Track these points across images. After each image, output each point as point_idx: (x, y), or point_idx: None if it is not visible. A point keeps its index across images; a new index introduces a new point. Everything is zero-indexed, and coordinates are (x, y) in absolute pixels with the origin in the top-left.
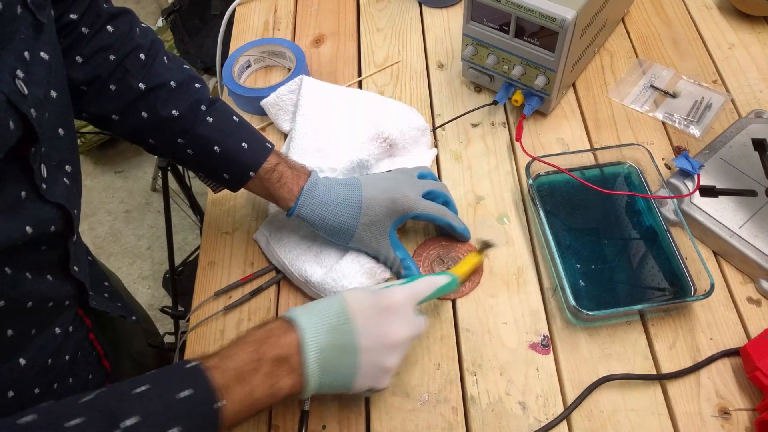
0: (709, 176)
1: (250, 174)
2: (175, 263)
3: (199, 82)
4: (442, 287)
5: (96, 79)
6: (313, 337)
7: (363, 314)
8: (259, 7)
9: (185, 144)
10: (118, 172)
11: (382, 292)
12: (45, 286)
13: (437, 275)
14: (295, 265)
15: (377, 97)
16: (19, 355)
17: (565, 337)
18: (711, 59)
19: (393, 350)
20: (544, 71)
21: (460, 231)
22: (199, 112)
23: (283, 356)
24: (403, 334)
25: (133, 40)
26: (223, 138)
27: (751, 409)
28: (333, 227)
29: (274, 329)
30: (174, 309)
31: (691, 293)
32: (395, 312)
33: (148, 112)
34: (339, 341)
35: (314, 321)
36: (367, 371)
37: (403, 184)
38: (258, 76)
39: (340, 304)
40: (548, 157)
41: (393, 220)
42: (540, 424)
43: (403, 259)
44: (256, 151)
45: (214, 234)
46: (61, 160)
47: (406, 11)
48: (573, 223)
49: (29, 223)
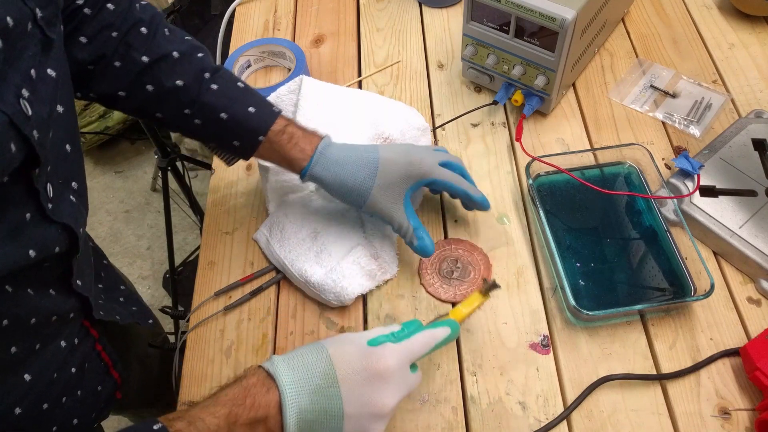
0: (709, 176)
1: (260, 138)
2: (175, 263)
3: (201, 51)
4: (442, 341)
5: (101, 58)
6: (294, 399)
7: (350, 377)
8: (259, 7)
9: (192, 114)
10: (118, 172)
11: (374, 354)
12: (48, 302)
13: (436, 327)
14: (295, 265)
15: (377, 97)
16: (24, 371)
17: (565, 337)
18: (711, 59)
19: (380, 419)
20: (544, 71)
21: (477, 200)
22: (204, 80)
23: (260, 418)
24: (392, 401)
25: (134, 15)
26: (229, 104)
27: (751, 409)
28: (347, 187)
29: (253, 386)
30: (174, 309)
31: (691, 293)
32: (387, 379)
33: (153, 85)
34: (322, 405)
35: (297, 378)
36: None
37: (422, 150)
38: (258, 76)
39: (326, 363)
40: (548, 157)
41: (409, 185)
42: (540, 424)
43: (416, 228)
44: (264, 115)
45: (214, 234)
46: (68, 177)
47: (406, 11)
48: (573, 223)
49: (33, 247)
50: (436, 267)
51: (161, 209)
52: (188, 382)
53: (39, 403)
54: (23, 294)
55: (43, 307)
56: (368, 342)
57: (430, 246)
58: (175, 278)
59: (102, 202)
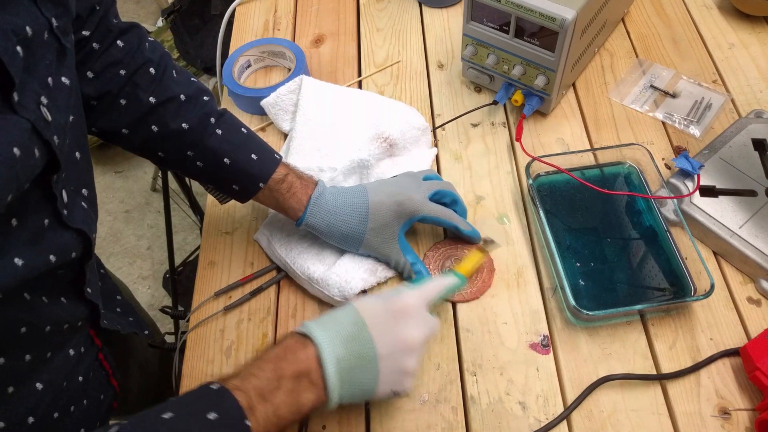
0: (709, 176)
1: (260, 185)
2: (175, 263)
3: (207, 95)
4: (451, 287)
5: (107, 94)
6: (330, 349)
7: (377, 321)
8: (259, 7)
9: (195, 156)
10: (118, 172)
11: (393, 297)
12: (60, 309)
13: (444, 276)
14: (297, 263)
15: (377, 97)
16: (36, 379)
17: (565, 337)
18: (711, 59)
19: (411, 352)
20: (544, 71)
21: (467, 234)
22: (209, 124)
23: (303, 371)
24: (419, 335)
25: (143, 55)
26: (232, 150)
27: (751, 409)
28: (342, 234)
29: (291, 345)
30: (174, 309)
31: (691, 293)
32: (409, 315)
33: (158, 126)
34: (357, 350)
35: (330, 333)
36: (388, 376)
37: (409, 187)
38: (258, 76)
39: (353, 314)
40: (548, 157)
41: (401, 224)
42: (540, 424)
43: (413, 263)
44: (266, 163)
45: (214, 234)
46: (79, 185)
47: (406, 11)
48: (573, 223)
49: (53, 252)
50: (440, 265)
51: (161, 209)
52: (188, 382)
53: (50, 413)
54: (38, 301)
55: (56, 314)
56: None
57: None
58: (175, 278)
59: (102, 202)
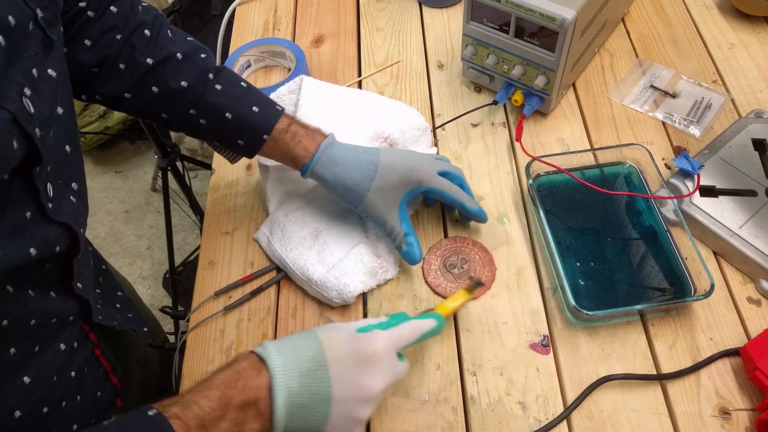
0: (709, 176)
1: (264, 137)
2: (175, 263)
3: (204, 52)
4: (428, 332)
5: (106, 60)
6: (283, 381)
7: (340, 362)
8: (259, 7)
9: (197, 114)
10: (118, 172)
11: (363, 339)
12: (48, 303)
13: (423, 318)
14: (297, 264)
15: (377, 97)
16: (24, 374)
17: (565, 337)
18: (711, 59)
19: (368, 402)
20: (544, 71)
21: (473, 212)
22: (208, 80)
23: (251, 400)
24: (380, 385)
25: (137, 18)
26: (233, 104)
27: (751, 409)
28: (345, 186)
29: (244, 370)
30: (174, 309)
31: (691, 293)
32: (375, 362)
33: (158, 86)
34: (311, 388)
35: (287, 362)
36: (338, 421)
37: (422, 159)
38: (258, 76)
39: (316, 348)
40: (548, 157)
41: (406, 191)
42: (540, 424)
43: (407, 234)
44: (268, 114)
45: (214, 234)
46: (68, 178)
47: (406, 11)
48: (573, 223)
49: (33, 245)
50: (442, 264)
51: (161, 209)
52: (188, 382)
53: (39, 407)
54: (24, 295)
55: (43, 308)
56: (357, 329)
57: (417, 254)
58: (175, 278)
59: (102, 202)
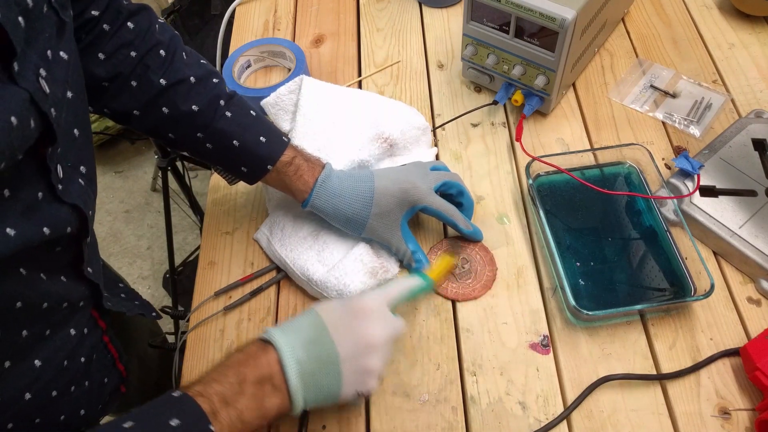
0: (709, 176)
1: (268, 167)
2: (175, 263)
3: (217, 77)
4: (415, 289)
5: (118, 76)
6: (290, 353)
7: (337, 323)
8: (259, 7)
9: (204, 138)
10: (118, 172)
11: (353, 298)
12: (60, 287)
13: (409, 277)
14: (297, 264)
15: (377, 97)
16: (34, 356)
17: (565, 337)
18: (711, 59)
19: (373, 352)
20: (544, 71)
21: (467, 233)
22: (219, 106)
23: (265, 376)
24: (380, 334)
25: (153, 37)
26: (241, 132)
27: (751, 409)
28: (346, 217)
29: (252, 351)
30: (174, 309)
31: (691, 293)
32: (369, 315)
33: (169, 108)
34: (318, 353)
35: (290, 337)
36: (351, 377)
37: (415, 176)
38: (258, 76)
39: (314, 317)
40: (548, 157)
41: (404, 211)
42: (540, 424)
43: (414, 251)
44: (274, 145)
45: (214, 234)
46: (77, 161)
47: (406, 11)
48: (573, 223)
49: (46, 224)
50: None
51: (161, 209)
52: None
53: (48, 390)
54: (36, 278)
55: (55, 292)
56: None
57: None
58: (175, 278)
59: (102, 202)
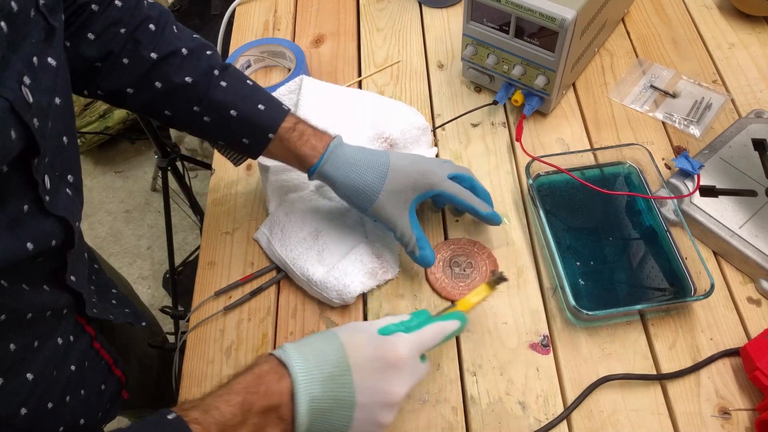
0: (709, 176)
1: (270, 135)
2: (175, 263)
3: (210, 49)
4: (451, 333)
5: (109, 54)
6: (306, 388)
7: (363, 367)
8: (259, 7)
9: (201, 111)
10: (118, 172)
11: (386, 342)
12: (43, 296)
13: (446, 319)
14: (296, 264)
15: (377, 97)
16: (26, 370)
17: (565, 337)
18: (711, 59)
19: (391, 408)
20: (544, 71)
21: (486, 216)
22: (213, 77)
23: (273, 406)
24: (404, 391)
25: (142, 12)
26: (238, 101)
27: (751, 409)
28: (355, 188)
29: (265, 374)
30: (174, 309)
31: (691, 293)
32: (398, 369)
33: (162, 81)
34: (335, 393)
35: (309, 367)
36: (361, 427)
37: (431, 162)
38: (258, 76)
39: (339, 351)
40: (548, 157)
41: (417, 194)
42: (540, 424)
43: (419, 238)
44: (274, 112)
45: (214, 234)
46: (64, 170)
47: (406, 11)
48: (573, 223)
49: (30, 239)
50: (446, 264)
51: (161, 209)
52: (188, 382)
53: (44, 403)
54: (18, 289)
55: (38, 302)
56: (379, 330)
57: (430, 257)
58: (175, 278)
59: (102, 202)
